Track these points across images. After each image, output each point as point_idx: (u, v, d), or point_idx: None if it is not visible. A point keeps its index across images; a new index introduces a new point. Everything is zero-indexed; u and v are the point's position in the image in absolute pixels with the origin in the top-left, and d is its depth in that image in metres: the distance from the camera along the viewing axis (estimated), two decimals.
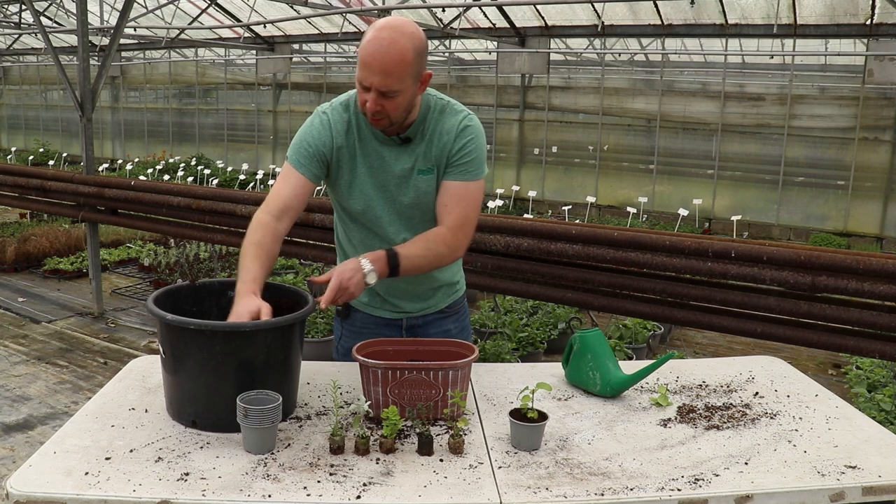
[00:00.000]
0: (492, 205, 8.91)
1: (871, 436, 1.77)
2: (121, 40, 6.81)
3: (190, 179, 11.18)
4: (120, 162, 14.19)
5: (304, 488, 1.46)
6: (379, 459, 1.59)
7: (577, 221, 7.08)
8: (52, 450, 1.57)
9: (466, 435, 1.69)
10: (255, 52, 14.03)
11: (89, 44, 5.85)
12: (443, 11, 10.39)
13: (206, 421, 1.69)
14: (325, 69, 13.91)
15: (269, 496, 1.43)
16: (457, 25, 10.28)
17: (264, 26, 12.50)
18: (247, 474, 1.51)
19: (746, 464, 1.62)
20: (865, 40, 8.87)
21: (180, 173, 12.00)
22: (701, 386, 2.09)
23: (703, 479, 1.54)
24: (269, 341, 1.70)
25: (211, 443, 1.64)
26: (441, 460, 1.60)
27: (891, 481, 1.55)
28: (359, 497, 1.44)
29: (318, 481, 1.49)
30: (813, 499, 1.52)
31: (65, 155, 14.97)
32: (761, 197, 10.05)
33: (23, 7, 12.36)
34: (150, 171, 12.52)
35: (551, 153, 11.58)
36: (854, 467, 1.60)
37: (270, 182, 11.07)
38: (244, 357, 1.67)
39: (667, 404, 1.93)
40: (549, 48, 11.15)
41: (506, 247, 3.69)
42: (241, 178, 12.33)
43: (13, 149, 16.23)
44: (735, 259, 3.18)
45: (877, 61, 8.65)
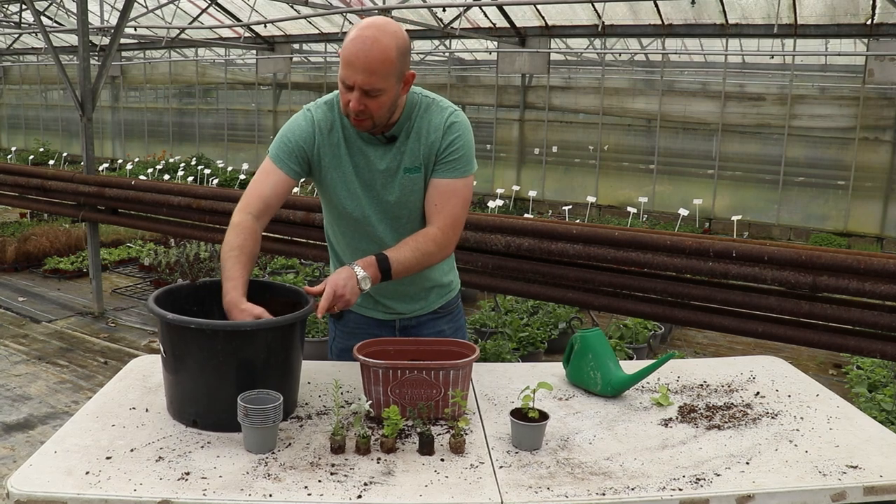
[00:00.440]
0: (492, 205, 8.90)
1: (872, 435, 1.77)
2: (121, 40, 6.80)
3: (190, 179, 11.16)
4: (120, 162, 14.18)
5: (305, 488, 1.46)
6: (380, 459, 1.59)
7: (578, 221, 7.08)
8: (53, 449, 1.57)
9: (467, 434, 1.69)
10: (255, 51, 14.03)
11: (90, 43, 5.85)
12: (443, 11, 10.40)
13: (207, 420, 1.69)
14: (326, 69, 13.90)
15: (269, 496, 1.43)
16: (457, 25, 10.28)
17: (264, 26, 12.50)
18: (247, 474, 1.51)
19: (748, 463, 1.62)
20: (866, 40, 8.86)
21: (180, 173, 11.99)
22: (702, 386, 2.09)
23: (704, 479, 1.54)
24: (269, 341, 1.70)
25: (212, 442, 1.64)
26: (442, 460, 1.60)
27: (892, 481, 1.55)
28: (360, 496, 1.44)
29: (319, 481, 1.49)
30: (814, 498, 1.52)
31: (65, 155, 14.95)
32: (762, 197, 10.05)
33: (23, 7, 12.36)
34: (150, 170, 12.50)
35: (551, 153, 11.58)
36: (855, 467, 1.60)
37: None
38: (245, 356, 1.67)
39: (668, 404, 1.93)
40: (550, 48, 11.15)
41: (506, 246, 3.69)
42: (242, 177, 12.31)
43: (13, 148, 16.21)
44: (736, 259, 3.18)
45: (877, 61, 8.64)
